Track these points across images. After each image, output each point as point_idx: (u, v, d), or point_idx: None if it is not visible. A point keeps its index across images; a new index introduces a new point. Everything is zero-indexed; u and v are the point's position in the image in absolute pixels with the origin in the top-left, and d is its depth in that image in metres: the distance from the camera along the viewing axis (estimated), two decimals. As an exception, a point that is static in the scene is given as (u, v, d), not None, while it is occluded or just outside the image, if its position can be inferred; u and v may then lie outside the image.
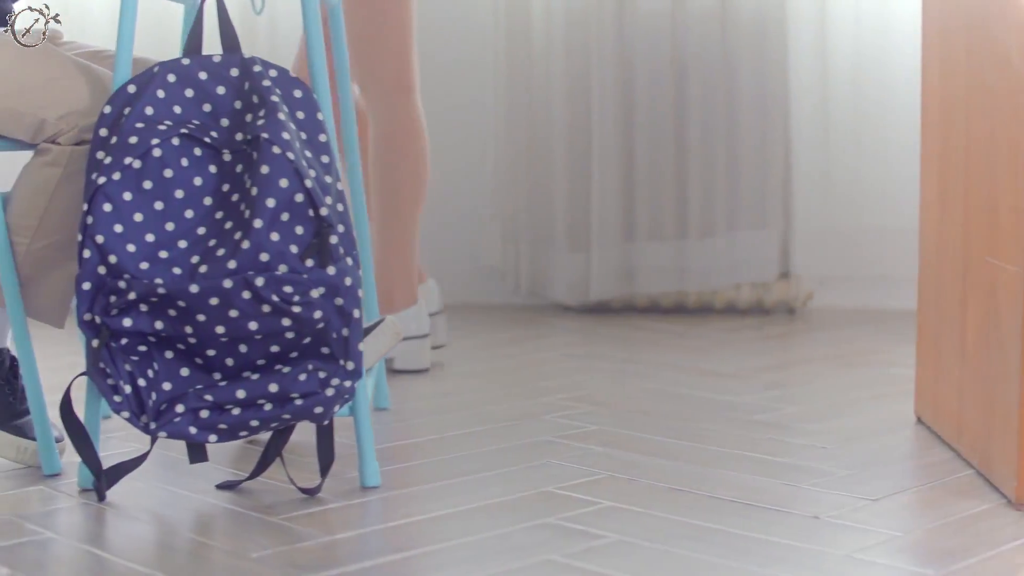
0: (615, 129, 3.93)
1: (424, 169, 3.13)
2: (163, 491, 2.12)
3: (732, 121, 3.92)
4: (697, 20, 3.90)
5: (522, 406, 2.74)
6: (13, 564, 1.77)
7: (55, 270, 2.18)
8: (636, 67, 3.94)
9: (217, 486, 2.13)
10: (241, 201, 1.98)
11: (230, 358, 1.98)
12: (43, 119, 2.13)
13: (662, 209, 3.95)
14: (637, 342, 3.52)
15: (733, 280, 3.94)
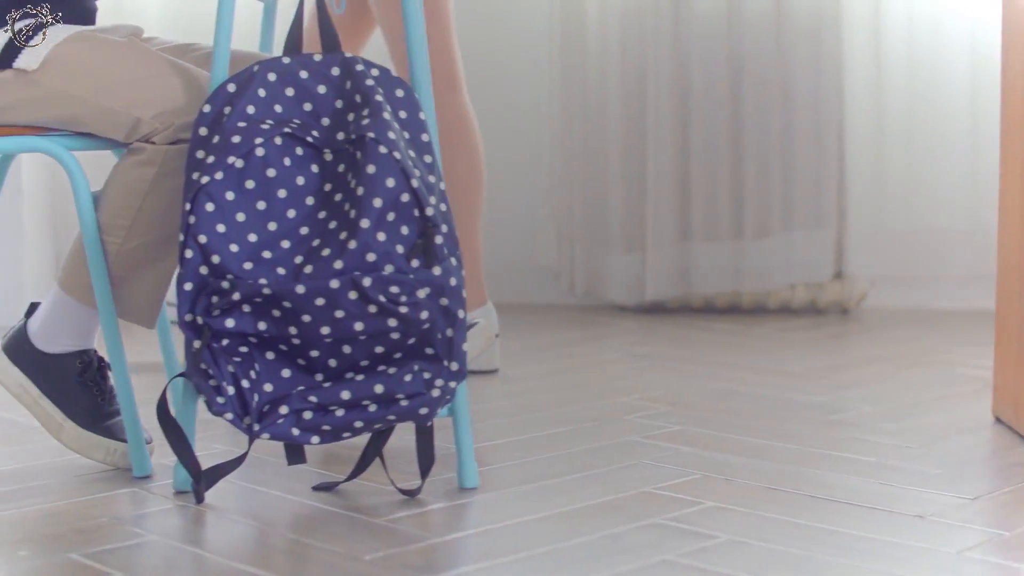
0: (670, 129, 3.92)
1: (480, 163, 3.11)
2: (257, 493, 2.11)
3: (787, 121, 3.91)
4: (752, 21, 3.89)
5: (599, 407, 2.72)
6: (125, 568, 1.75)
7: (146, 270, 2.17)
8: (691, 68, 3.93)
9: (314, 488, 2.12)
10: (345, 201, 1.96)
11: (333, 359, 1.97)
12: (138, 117, 2.11)
13: (717, 209, 3.94)
14: (697, 342, 3.50)
15: (788, 280, 3.93)
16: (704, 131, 3.93)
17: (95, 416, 2.21)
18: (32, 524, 1.94)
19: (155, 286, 2.18)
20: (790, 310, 3.99)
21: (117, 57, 2.16)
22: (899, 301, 4.02)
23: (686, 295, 3.98)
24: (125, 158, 2.15)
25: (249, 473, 2.21)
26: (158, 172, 2.11)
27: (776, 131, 3.90)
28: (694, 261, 3.95)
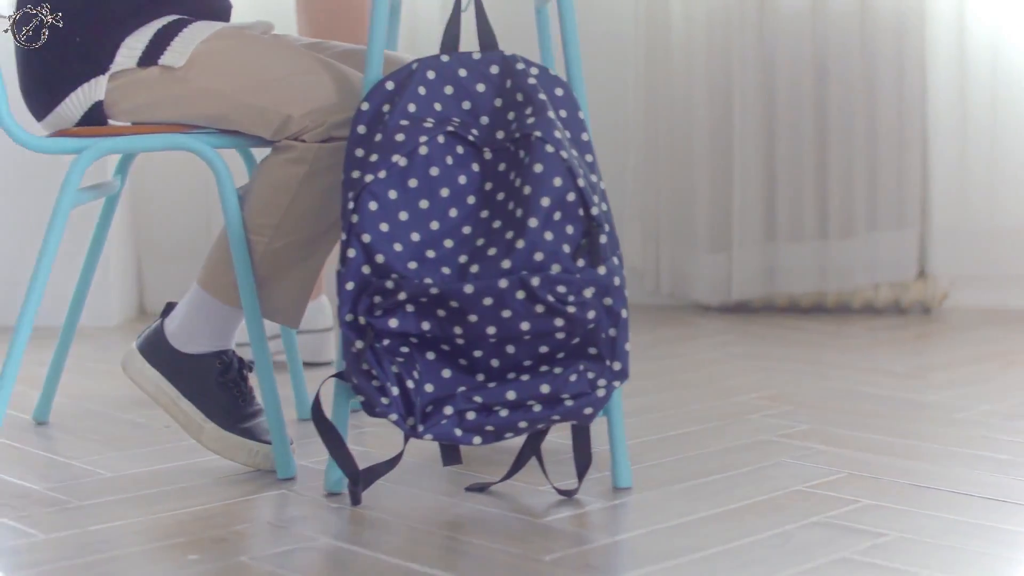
0: (756, 129, 3.91)
1: None
2: (409, 494, 2.09)
3: (871, 121, 3.90)
4: (837, 20, 3.87)
5: (720, 407, 2.71)
6: (300, 570, 1.74)
7: (293, 269, 2.15)
8: (776, 67, 3.92)
9: (467, 488, 2.10)
10: (509, 200, 1.94)
11: (496, 359, 1.95)
12: (288, 115, 2.09)
13: (802, 209, 3.93)
14: (790, 342, 3.49)
15: (871, 280, 3.91)
16: (789, 131, 3.92)
17: (235, 417, 2.19)
18: (191, 527, 1.92)
19: (301, 286, 2.17)
20: (873, 309, 3.98)
21: (265, 54, 2.15)
22: (980, 300, 4.01)
23: (770, 295, 3.97)
24: (272, 156, 2.13)
25: (394, 474, 2.19)
26: (308, 170, 2.10)
27: (860, 131, 3.89)
28: (779, 261, 3.94)
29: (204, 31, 2.15)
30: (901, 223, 3.91)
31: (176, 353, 2.20)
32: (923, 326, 3.75)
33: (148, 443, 2.42)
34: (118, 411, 2.71)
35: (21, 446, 2.41)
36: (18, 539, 1.86)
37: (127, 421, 2.61)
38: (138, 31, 2.16)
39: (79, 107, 2.17)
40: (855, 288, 3.93)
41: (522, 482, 2.13)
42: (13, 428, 2.56)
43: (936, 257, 3.92)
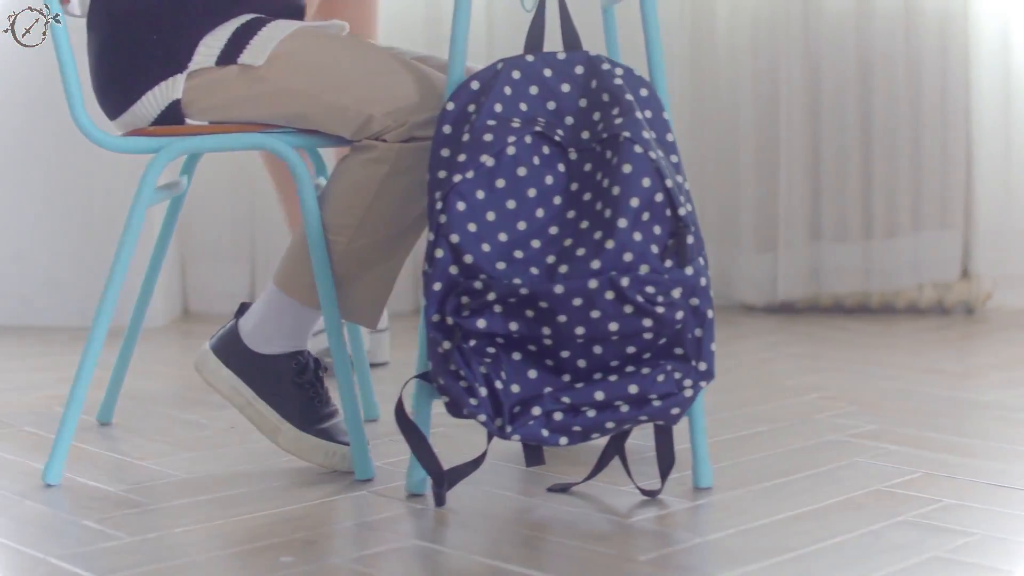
0: (801, 130, 3.91)
1: None
2: (490, 494, 2.08)
3: (915, 121, 3.90)
4: (881, 21, 3.87)
5: (784, 407, 2.70)
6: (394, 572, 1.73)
7: (371, 270, 2.14)
8: (821, 69, 3.92)
9: (549, 489, 2.09)
10: (596, 200, 1.94)
11: (583, 359, 1.94)
12: (369, 114, 2.08)
13: (847, 209, 3.92)
14: (839, 342, 3.49)
15: (916, 280, 3.92)
16: (834, 132, 3.92)
17: (311, 418, 2.18)
18: (277, 529, 1.91)
19: (379, 286, 2.16)
20: (917, 310, 3.97)
21: (345, 53, 2.14)
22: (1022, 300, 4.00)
23: (815, 295, 3.97)
24: (352, 156, 2.12)
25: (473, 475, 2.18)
26: (389, 170, 2.09)
27: (904, 131, 3.89)
28: (824, 261, 3.94)
29: (283, 30, 2.14)
30: (945, 223, 3.91)
31: (252, 354, 2.19)
32: (968, 326, 3.75)
33: (215, 444, 2.42)
34: (179, 412, 2.70)
35: (90, 447, 2.41)
36: (106, 542, 1.85)
37: (189, 422, 2.61)
38: (216, 30, 2.15)
39: (155, 106, 2.16)
40: (899, 288, 3.93)
41: (603, 483, 2.12)
42: (78, 429, 2.56)
43: (980, 257, 3.92)
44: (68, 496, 2.08)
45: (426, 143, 2.08)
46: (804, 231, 3.93)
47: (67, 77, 2.13)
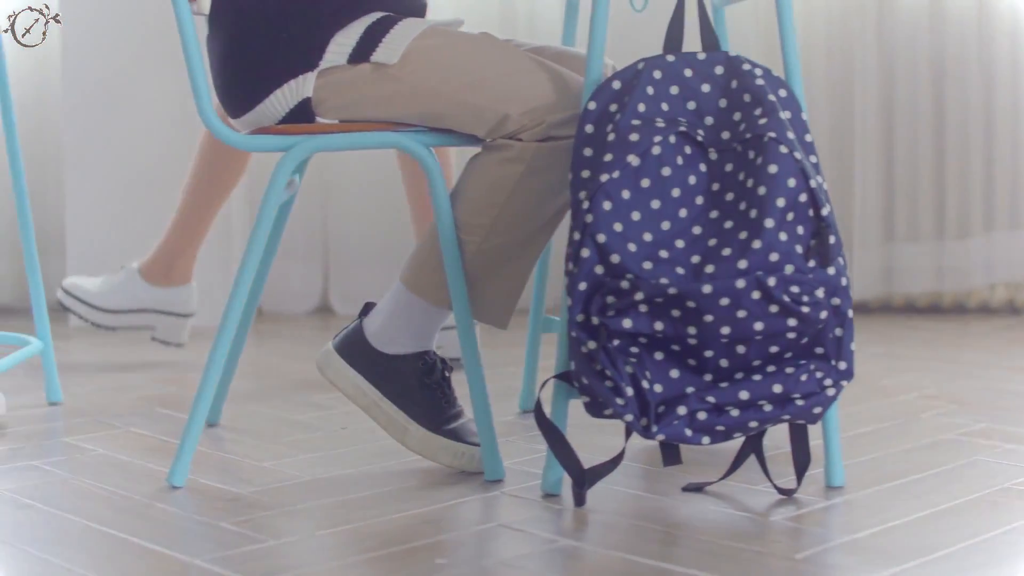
0: (876, 130, 3.92)
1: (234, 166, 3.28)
2: (626, 494, 2.08)
3: (987, 121, 3.91)
4: (954, 21, 3.88)
5: (888, 406, 2.70)
6: (551, 572, 1.73)
7: (504, 269, 2.14)
8: (895, 69, 3.92)
9: (684, 488, 2.10)
10: (740, 200, 1.94)
11: (725, 359, 1.95)
12: (506, 114, 2.08)
13: (920, 210, 3.93)
14: (920, 341, 3.50)
15: (988, 280, 3.92)
16: (907, 132, 3.93)
17: (439, 419, 2.18)
18: (420, 530, 1.91)
19: (511, 286, 2.16)
20: (988, 309, 3.98)
21: (479, 52, 2.13)
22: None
23: (888, 295, 3.98)
24: (485, 155, 2.12)
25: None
26: (526, 170, 2.08)
27: (977, 131, 3.89)
28: (897, 261, 3.94)
29: (415, 28, 2.14)
30: (1017, 223, 3.91)
31: (378, 354, 2.19)
32: (1044, 325, 3.77)
33: (330, 446, 2.42)
34: (283, 412, 2.70)
35: (204, 449, 2.41)
36: (249, 544, 1.85)
37: (297, 423, 2.61)
38: (347, 27, 2.14)
39: (284, 104, 2.16)
40: (971, 288, 3.93)
41: (735, 482, 2.13)
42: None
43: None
44: (197, 498, 2.08)
45: (563, 142, 2.08)
46: (877, 231, 3.94)
47: (194, 75, 2.12)
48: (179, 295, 3.36)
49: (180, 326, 3.37)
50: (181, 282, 3.36)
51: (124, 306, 3.33)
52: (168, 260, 3.34)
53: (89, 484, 2.17)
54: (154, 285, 3.34)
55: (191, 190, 3.28)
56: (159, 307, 3.35)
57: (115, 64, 3.87)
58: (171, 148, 3.86)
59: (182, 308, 3.37)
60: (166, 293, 3.34)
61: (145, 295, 3.34)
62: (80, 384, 3.06)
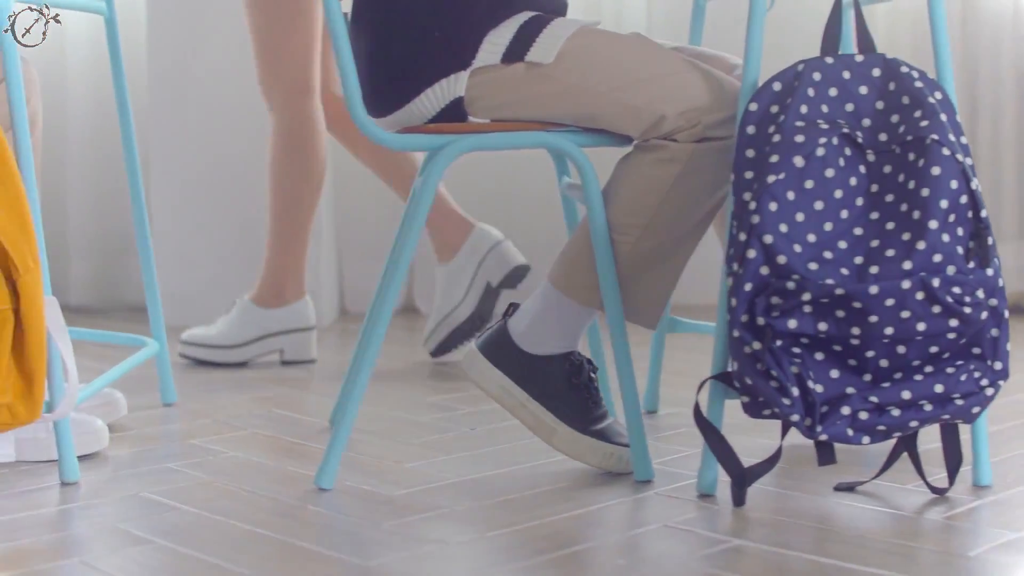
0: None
1: (317, 168, 3.30)
2: (778, 493, 2.10)
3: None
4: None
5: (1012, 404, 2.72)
6: (738, 571, 1.74)
7: (656, 270, 2.15)
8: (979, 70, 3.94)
9: (836, 488, 2.11)
10: (900, 202, 1.96)
11: (885, 359, 1.96)
12: (662, 114, 2.09)
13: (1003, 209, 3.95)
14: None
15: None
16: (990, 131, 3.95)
17: (586, 419, 2.19)
18: (587, 531, 1.92)
19: (662, 287, 2.17)
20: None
21: (632, 52, 2.14)
22: None
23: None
24: (639, 155, 2.13)
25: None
26: (682, 170, 2.09)
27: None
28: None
29: (568, 27, 2.15)
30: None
31: (524, 355, 2.20)
32: None
33: (467, 447, 2.43)
34: (405, 413, 2.71)
35: (340, 450, 2.42)
36: (424, 546, 1.86)
37: (426, 424, 2.62)
38: (499, 26, 2.15)
39: (435, 103, 2.16)
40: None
41: (885, 481, 2.14)
42: (311, 431, 2.57)
43: None
44: (350, 501, 2.09)
45: (720, 143, 2.09)
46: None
47: (346, 75, 2.12)
48: (298, 311, 3.35)
49: (307, 341, 3.37)
50: (295, 298, 3.36)
51: (248, 337, 3.33)
52: (278, 282, 3.35)
53: (231, 486, 2.18)
54: (271, 309, 3.34)
55: (278, 207, 3.30)
56: (282, 328, 3.35)
57: (200, 64, 3.88)
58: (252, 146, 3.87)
59: (304, 323, 3.36)
60: (285, 312, 3.35)
61: (265, 321, 3.34)
62: (188, 385, 3.07)
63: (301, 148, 3.27)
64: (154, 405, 2.84)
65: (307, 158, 3.28)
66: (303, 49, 3.24)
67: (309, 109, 3.27)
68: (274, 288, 3.35)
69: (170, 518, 2.00)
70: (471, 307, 3.29)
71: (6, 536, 1.91)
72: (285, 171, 3.28)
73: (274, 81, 3.24)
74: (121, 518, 2.00)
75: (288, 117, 3.26)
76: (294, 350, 3.36)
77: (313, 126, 3.28)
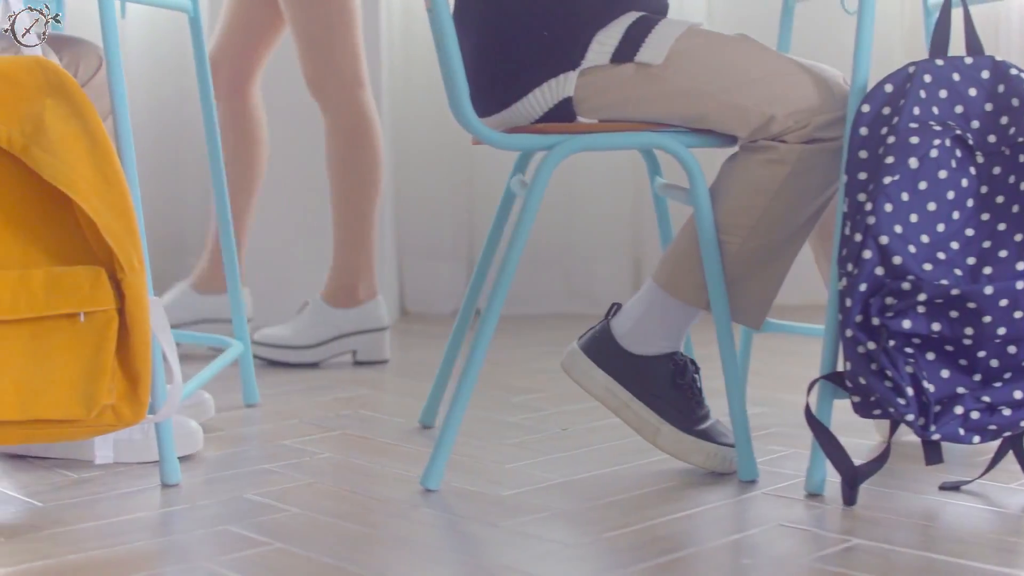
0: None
1: (378, 161, 3.32)
2: (882, 492, 2.11)
3: None
4: None
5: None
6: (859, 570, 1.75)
7: (761, 270, 2.16)
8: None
9: (941, 487, 2.12)
10: (1012, 203, 1.97)
11: (996, 359, 1.97)
12: (771, 115, 2.10)
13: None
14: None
15: None
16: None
17: (690, 419, 2.20)
18: (703, 531, 1.93)
19: (768, 287, 2.18)
20: None
21: (740, 53, 2.15)
22: None
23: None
24: (747, 156, 2.14)
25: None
26: (791, 171, 2.10)
27: None
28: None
29: (676, 28, 2.15)
30: None
31: (628, 355, 2.21)
32: None
33: (562, 448, 2.44)
34: (490, 413, 2.72)
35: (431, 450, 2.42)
36: (547, 545, 1.87)
37: (515, 424, 2.63)
38: (608, 27, 2.16)
39: (543, 103, 2.17)
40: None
41: (990, 480, 2.15)
42: (401, 432, 2.58)
43: None
44: (459, 501, 2.10)
45: (829, 144, 2.10)
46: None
47: (453, 75, 2.12)
48: (371, 311, 3.37)
49: (380, 341, 3.38)
50: (368, 298, 3.38)
51: (322, 338, 3.35)
52: (350, 281, 3.36)
53: (334, 487, 2.19)
54: (345, 309, 3.36)
55: (344, 205, 3.32)
56: (357, 328, 3.36)
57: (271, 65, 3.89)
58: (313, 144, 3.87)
59: (377, 323, 3.37)
60: (359, 313, 3.36)
61: (339, 321, 3.36)
62: (263, 385, 3.08)
63: (361, 144, 3.29)
64: (236, 406, 2.84)
65: (367, 152, 3.30)
66: (352, 43, 3.26)
67: (365, 102, 3.30)
68: (347, 288, 3.36)
69: (280, 520, 2.00)
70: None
71: (115, 539, 1.92)
72: (348, 168, 3.30)
73: (328, 79, 3.26)
74: (228, 520, 2.01)
75: (345, 114, 3.27)
76: (367, 350, 3.37)
77: (371, 118, 3.31)
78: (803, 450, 2.38)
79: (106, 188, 2.02)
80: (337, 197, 3.32)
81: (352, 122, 3.29)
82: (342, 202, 3.32)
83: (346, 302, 3.36)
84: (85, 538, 1.91)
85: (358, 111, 3.29)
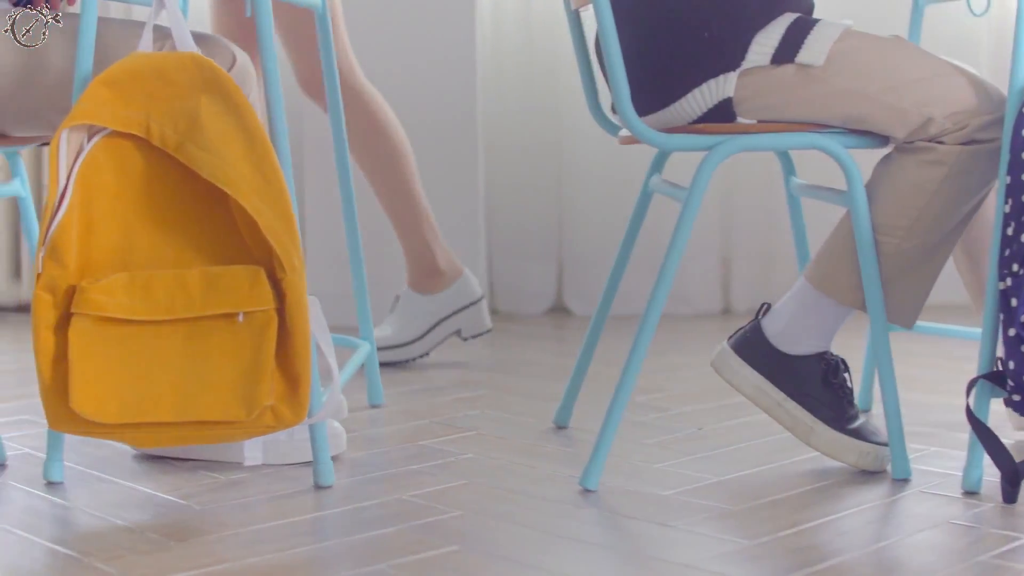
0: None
1: (390, 131, 3.28)
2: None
3: None
4: None
5: None
6: None
7: (916, 271, 2.18)
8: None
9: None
10: None
11: None
12: (930, 117, 2.12)
13: None
14: None
15: None
16: None
17: (843, 418, 2.23)
18: (873, 528, 1.96)
19: (921, 287, 2.20)
20: None
21: (897, 54, 2.17)
22: None
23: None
24: (903, 157, 2.16)
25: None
26: (948, 173, 2.13)
27: None
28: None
29: (834, 30, 2.17)
30: None
31: (780, 355, 2.23)
32: None
33: (702, 448, 2.46)
34: (627, 414, 2.74)
35: (572, 450, 2.45)
36: (727, 546, 1.89)
37: (647, 424, 2.65)
38: (767, 27, 2.17)
39: (703, 103, 2.19)
40: None
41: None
42: (536, 432, 2.60)
43: None
44: (625, 501, 2.11)
45: (987, 146, 2.13)
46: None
47: (615, 73, 2.14)
48: (462, 287, 3.37)
49: (479, 312, 3.38)
50: (455, 275, 3.37)
51: (423, 328, 3.35)
52: (428, 262, 3.36)
53: (490, 487, 2.20)
54: (436, 293, 3.37)
55: (387, 193, 3.30)
56: (453, 308, 3.36)
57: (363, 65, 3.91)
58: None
59: (472, 296, 3.37)
60: (450, 293, 3.36)
61: (434, 306, 3.36)
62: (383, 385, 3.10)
63: (373, 125, 3.26)
64: (362, 407, 2.87)
65: (380, 129, 3.27)
66: (339, 35, 3.22)
67: (361, 83, 3.26)
68: (428, 271, 3.35)
69: (446, 521, 2.01)
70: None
71: (285, 542, 1.93)
72: (373, 156, 3.28)
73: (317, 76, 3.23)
74: (392, 522, 2.02)
75: (350, 104, 3.24)
76: (470, 326, 3.37)
77: (371, 94, 3.27)
78: (944, 448, 2.40)
79: (265, 186, 2.01)
80: (378, 189, 3.30)
81: (358, 108, 3.25)
82: (381, 188, 3.30)
83: (434, 286, 3.36)
84: (256, 541, 1.93)
85: (359, 95, 3.25)
